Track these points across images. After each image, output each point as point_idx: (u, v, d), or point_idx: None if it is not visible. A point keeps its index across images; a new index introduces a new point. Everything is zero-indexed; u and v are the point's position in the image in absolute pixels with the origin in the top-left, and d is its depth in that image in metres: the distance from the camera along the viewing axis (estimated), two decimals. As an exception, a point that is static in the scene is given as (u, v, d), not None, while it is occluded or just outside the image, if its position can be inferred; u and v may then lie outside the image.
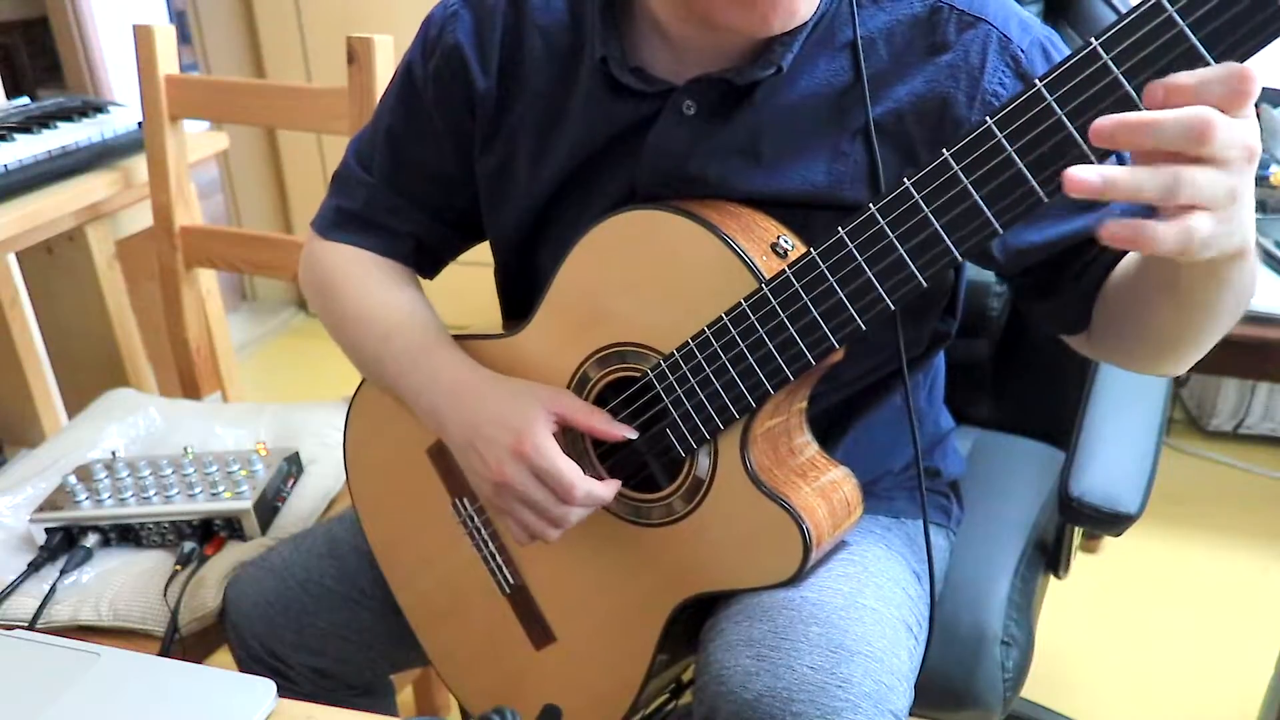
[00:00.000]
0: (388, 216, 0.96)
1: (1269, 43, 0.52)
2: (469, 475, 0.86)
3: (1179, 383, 2.28)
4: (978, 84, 0.75)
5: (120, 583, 1.07)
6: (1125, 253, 0.77)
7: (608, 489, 0.81)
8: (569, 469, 0.79)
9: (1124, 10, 0.56)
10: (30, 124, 1.52)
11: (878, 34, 0.77)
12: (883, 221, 0.67)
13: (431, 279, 1.02)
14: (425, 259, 0.99)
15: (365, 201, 0.96)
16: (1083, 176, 0.55)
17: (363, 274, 0.95)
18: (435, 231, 0.97)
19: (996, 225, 0.64)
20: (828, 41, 0.78)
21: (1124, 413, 1.06)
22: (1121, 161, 0.77)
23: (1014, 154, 0.61)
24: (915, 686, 0.82)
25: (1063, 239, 0.78)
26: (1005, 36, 0.75)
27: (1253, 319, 0.77)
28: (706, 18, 0.74)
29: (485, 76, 0.87)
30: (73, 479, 1.15)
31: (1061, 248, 0.78)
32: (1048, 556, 1.12)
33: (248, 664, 1.00)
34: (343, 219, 0.98)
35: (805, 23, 0.76)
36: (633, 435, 0.81)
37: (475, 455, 0.83)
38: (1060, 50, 0.78)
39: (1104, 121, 0.55)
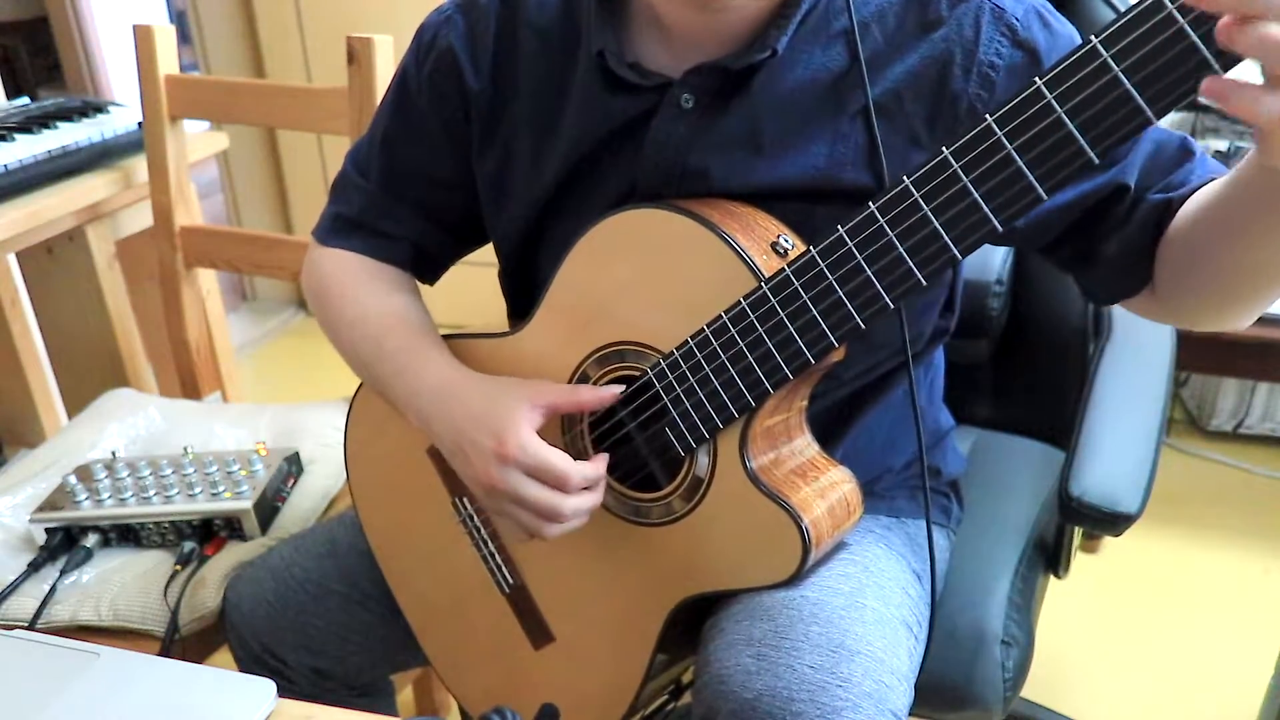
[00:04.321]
0: (385, 222, 0.96)
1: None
2: (462, 477, 0.86)
3: (1179, 383, 2.28)
4: (973, 56, 0.75)
5: (120, 583, 1.07)
6: (1170, 202, 0.75)
7: (596, 466, 0.81)
8: (559, 459, 0.78)
9: (1123, 9, 0.56)
10: (30, 124, 1.52)
11: (870, 17, 0.77)
12: (882, 220, 0.67)
13: (432, 284, 1.02)
14: (424, 264, 0.99)
15: (363, 207, 0.96)
16: None
17: (357, 279, 0.96)
18: (433, 236, 0.97)
19: (996, 223, 0.64)
20: (822, 31, 0.78)
21: (1124, 413, 1.06)
22: (1115, 162, 0.77)
23: (1014, 152, 0.61)
24: (915, 686, 0.82)
25: (1084, 197, 0.76)
26: (998, 7, 0.75)
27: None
28: None
29: (479, 78, 0.87)
30: (73, 479, 1.15)
31: (1083, 208, 0.77)
32: (1048, 556, 1.12)
33: (248, 664, 1.00)
34: (341, 225, 0.98)
35: (799, 7, 0.76)
36: (619, 389, 0.81)
37: (463, 459, 0.83)
38: (1056, 17, 0.78)
39: None
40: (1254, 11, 0.50)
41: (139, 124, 1.54)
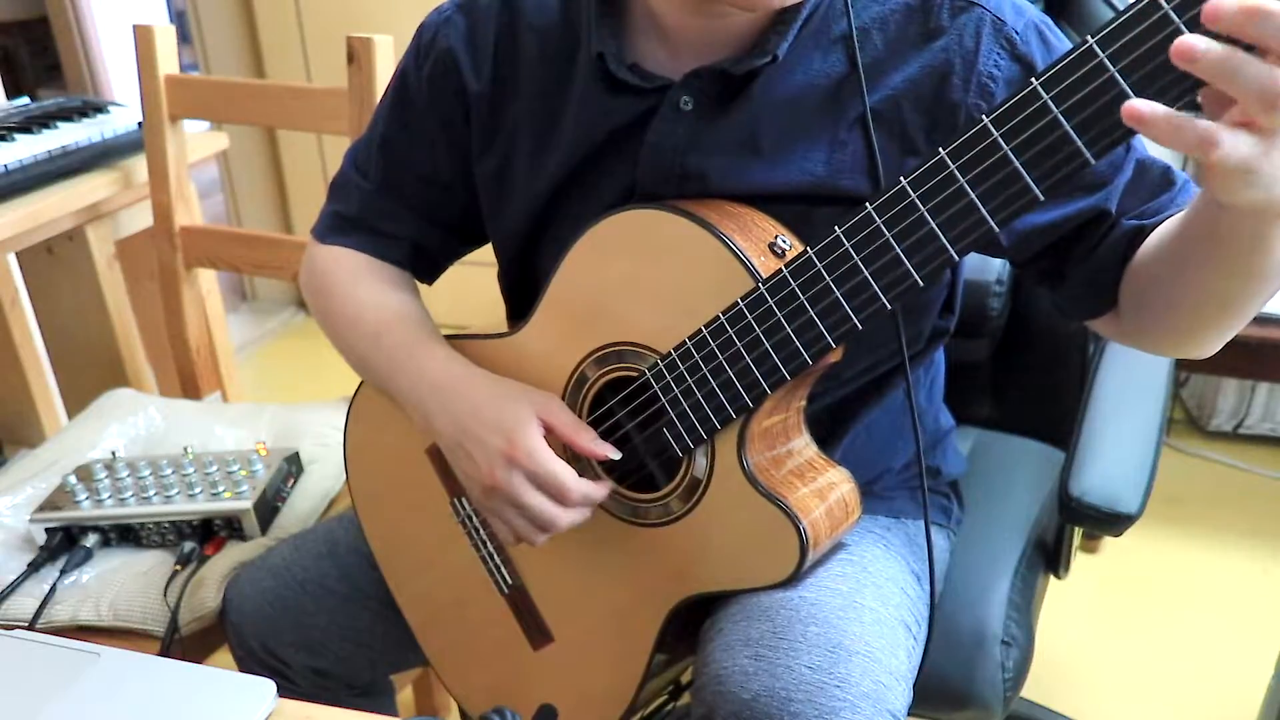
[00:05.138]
0: (384, 221, 0.96)
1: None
2: (458, 473, 0.86)
3: (1179, 383, 2.27)
4: (972, 67, 0.75)
5: (120, 583, 1.08)
6: (1143, 228, 0.76)
7: (601, 490, 0.82)
8: (565, 472, 0.79)
9: (1121, 8, 0.56)
10: (30, 124, 1.52)
11: (871, 24, 0.77)
12: (879, 220, 0.67)
13: (430, 284, 1.02)
14: (422, 264, 1.00)
15: (361, 207, 0.97)
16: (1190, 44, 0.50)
17: (356, 275, 0.96)
18: (431, 236, 0.97)
19: (992, 223, 0.64)
20: (822, 34, 0.78)
21: (1124, 413, 1.06)
22: (1118, 163, 0.77)
23: (1010, 152, 0.61)
24: (915, 686, 0.82)
25: (1068, 219, 0.77)
26: (999, 19, 0.76)
27: (1253, 319, 0.76)
28: None
29: (479, 79, 0.87)
30: (73, 479, 1.15)
31: (1067, 229, 0.78)
32: (1048, 556, 1.12)
33: (248, 664, 1.00)
34: (340, 224, 0.98)
35: (800, 12, 0.76)
36: (615, 455, 0.81)
37: (464, 455, 0.83)
38: (1055, 34, 0.78)
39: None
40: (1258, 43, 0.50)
41: (139, 124, 1.54)
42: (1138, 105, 0.52)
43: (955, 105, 0.76)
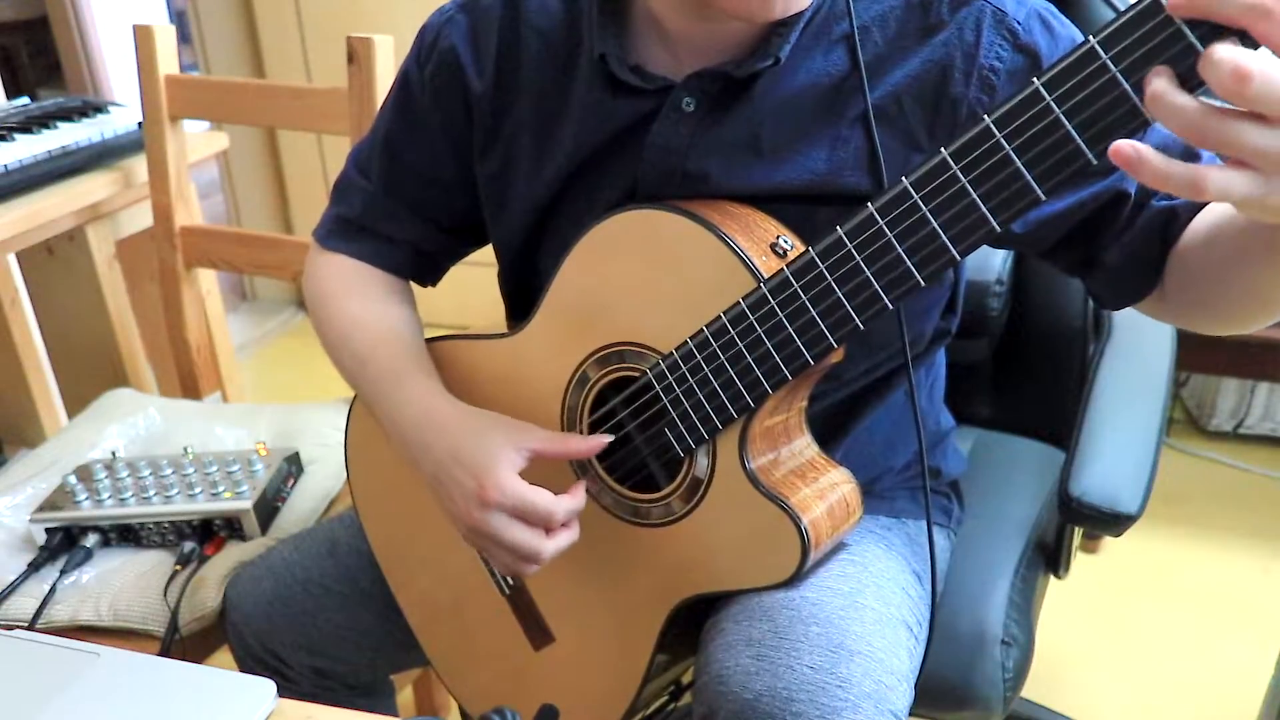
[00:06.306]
0: (385, 223, 0.96)
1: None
2: (441, 510, 0.85)
3: (1179, 383, 2.28)
4: (974, 60, 0.75)
5: (120, 583, 1.08)
6: (1175, 208, 0.76)
7: (575, 498, 0.80)
8: (541, 498, 0.78)
9: (1122, 9, 0.56)
10: (30, 124, 1.52)
11: (872, 22, 0.77)
12: (881, 221, 0.67)
13: (432, 286, 1.02)
14: (424, 266, 0.99)
15: (363, 209, 0.96)
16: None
17: (349, 289, 0.96)
18: (433, 237, 0.97)
19: (994, 223, 0.63)
20: (823, 34, 0.78)
21: (1124, 413, 1.06)
22: (1115, 168, 0.77)
23: (1012, 153, 0.61)
24: (916, 686, 0.82)
25: (1083, 204, 0.77)
26: (1000, 10, 0.75)
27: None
28: (711, 4, 0.74)
29: (481, 80, 0.87)
30: (73, 479, 1.15)
31: (1084, 214, 0.77)
32: (1048, 556, 1.12)
33: (248, 664, 1.00)
34: (341, 227, 0.98)
35: (802, 14, 0.76)
36: (608, 439, 0.81)
37: (443, 493, 0.82)
38: (1059, 20, 0.77)
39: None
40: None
41: (139, 124, 1.54)
42: (1122, 147, 0.53)
43: (957, 100, 0.76)
